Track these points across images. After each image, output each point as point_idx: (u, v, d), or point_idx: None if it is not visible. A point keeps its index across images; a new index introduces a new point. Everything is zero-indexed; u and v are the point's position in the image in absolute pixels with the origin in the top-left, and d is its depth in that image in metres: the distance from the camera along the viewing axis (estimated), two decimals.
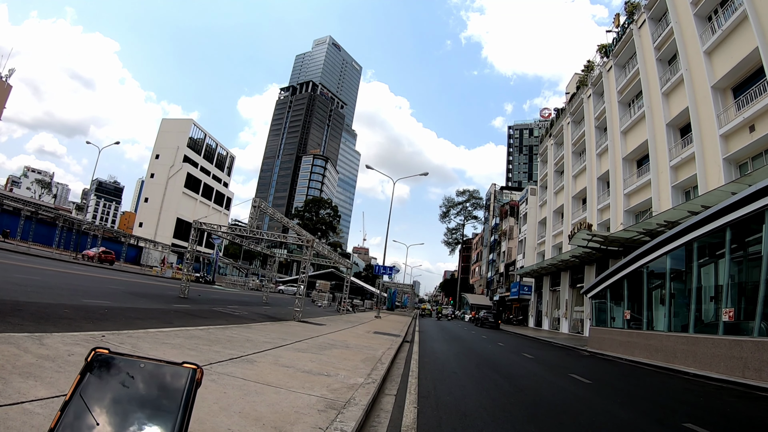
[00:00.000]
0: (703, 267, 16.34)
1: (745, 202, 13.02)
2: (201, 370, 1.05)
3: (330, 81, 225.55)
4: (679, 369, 14.20)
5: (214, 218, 73.62)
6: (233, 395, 4.30)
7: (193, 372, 1.04)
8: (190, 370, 1.04)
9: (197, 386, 1.03)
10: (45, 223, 49.45)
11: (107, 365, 1.03)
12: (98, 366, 1.03)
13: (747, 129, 20.66)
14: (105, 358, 1.04)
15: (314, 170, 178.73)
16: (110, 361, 1.04)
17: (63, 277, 19.63)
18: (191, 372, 1.04)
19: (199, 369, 1.05)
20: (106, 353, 1.04)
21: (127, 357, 1.05)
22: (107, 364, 1.03)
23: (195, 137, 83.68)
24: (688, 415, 7.47)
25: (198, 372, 1.04)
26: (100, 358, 1.04)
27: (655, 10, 29.73)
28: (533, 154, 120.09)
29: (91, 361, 1.03)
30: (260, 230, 23.54)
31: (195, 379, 1.03)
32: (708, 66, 23.49)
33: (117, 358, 1.04)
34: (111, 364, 1.03)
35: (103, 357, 1.04)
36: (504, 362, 13.40)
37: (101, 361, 1.03)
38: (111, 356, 1.04)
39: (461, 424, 5.32)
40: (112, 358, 1.04)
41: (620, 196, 32.54)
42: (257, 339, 9.07)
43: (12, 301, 8.90)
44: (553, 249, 46.59)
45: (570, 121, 45.73)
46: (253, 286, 60.62)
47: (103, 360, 1.04)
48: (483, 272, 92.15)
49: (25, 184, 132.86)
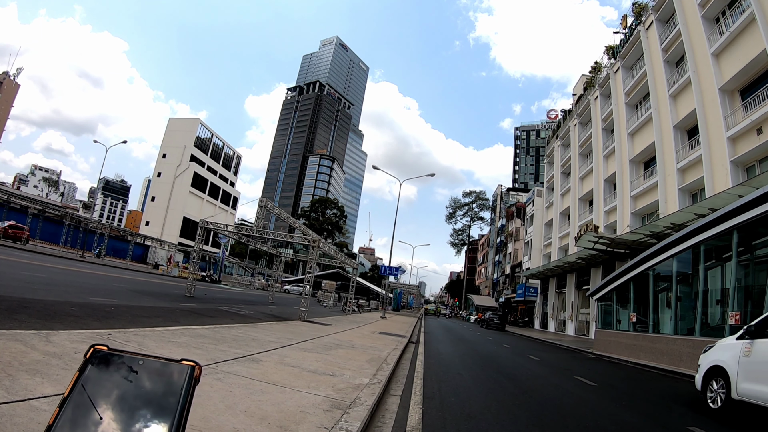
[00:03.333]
0: (710, 270, 16.26)
1: (753, 205, 12.95)
2: (199, 367, 1.05)
3: (337, 81, 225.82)
4: (684, 372, 14.11)
5: (221, 217, 73.78)
6: (239, 394, 4.32)
7: (191, 369, 1.04)
8: (188, 367, 1.04)
9: (196, 383, 1.03)
10: (52, 221, 49.70)
11: (106, 362, 1.03)
12: (97, 363, 1.03)
13: (755, 131, 20.53)
14: (103, 355, 1.04)
15: (321, 170, 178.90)
16: (109, 357, 1.04)
17: (69, 274, 19.74)
18: (189, 369, 1.04)
19: (197, 366, 1.05)
20: (105, 350, 1.04)
21: (125, 354, 1.05)
22: (106, 361, 1.03)
23: (202, 137, 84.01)
24: (693, 418, 7.44)
25: (196, 369, 1.04)
26: (99, 355, 1.04)
27: (662, 12, 29.59)
28: (540, 155, 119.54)
29: (89, 358, 1.03)
30: (266, 230, 23.61)
31: (193, 376, 1.03)
32: (715, 68, 23.35)
33: (115, 355, 1.04)
34: (109, 360, 1.03)
35: (102, 354, 1.04)
36: (509, 364, 13.38)
37: (100, 357, 1.03)
38: (110, 353, 1.04)
39: (466, 426, 5.32)
40: (111, 355, 1.04)
41: (627, 198, 32.40)
42: (263, 338, 9.09)
43: (19, 299, 8.96)
44: (560, 251, 46.44)
45: (577, 122, 45.58)
46: (259, 285, 60.73)
47: (102, 357, 1.04)
48: (489, 273, 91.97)
49: (32, 182, 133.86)
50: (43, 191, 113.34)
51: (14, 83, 58.82)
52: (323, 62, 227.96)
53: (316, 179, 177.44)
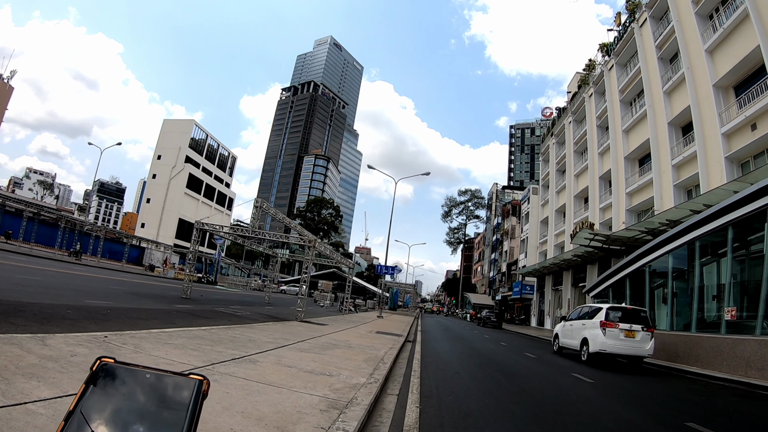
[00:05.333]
0: (705, 266, 16.34)
1: (747, 201, 13.01)
2: (207, 382, 1.04)
3: (331, 81, 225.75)
4: (681, 368, 14.18)
5: (216, 219, 73.67)
6: (236, 395, 4.31)
7: (199, 383, 1.02)
8: (196, 381, 1.02)
9: (204, 398, 1.02)
10: (47, 224, 49.46)
11: (112, 375, 1.02)
12: (103, 376, 1.01)
13: (749, 127, 20.62)
14: (110, 368, 1.02)
15: (316, 170, 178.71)
16: (115, 371, 1.02)
17: (65, 277, 19.67)
18: (197, 383, 1.02)
19: (205, 380, 1.03)
20: (112, 362, 1.03)
21: (132, 367, 1.03)
22: (112, 374, 1.02)
23: (197, 138, 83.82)
24: (691, 414, 7.47)
25: (204, 383, 1.03)
26: (106, 368, 1.02)
27: (656, 9, 29.66)
28: (535, 153, 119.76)
29: (96, 371, 1.01)
30: (262, 230, 23.55)
31: (201, 390, 1.02)
32: (709, 64, 23.43)
33: (122, 368, 1.03)
34: (116, 374, 1.02)
35: (109, 366, 1.02)
36: (506, 362, 13.39)
37: (106, 370, 1.02)
38: (116, 366, 1.03)
39: (463, 424, 5.32)
40: (118, 368, 1.02)
41: (622, 195, 32.49)
42: (260, 339, 9.08)
43: (15, 302, 8.92)
44: (556, 248, 46.54)
45: (572, 120, 45.66)
46: (256, 286, 60.64)
47: (108, 370, 1.02)
48: (485, 272, 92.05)
49: (27, 185, 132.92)
50: (38, 194, 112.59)
51: (8, 86, 58.40)
52: (318, 62, 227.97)
53: (312, 179, 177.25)
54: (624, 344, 13.61)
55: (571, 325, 16.48)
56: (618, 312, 14.18)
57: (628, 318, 13.94)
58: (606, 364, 14.09)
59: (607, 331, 13.69)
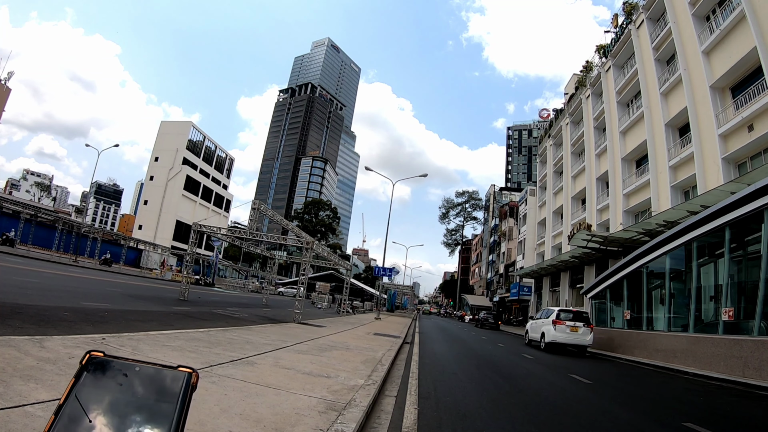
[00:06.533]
0: (703, 267, 16.36)
1: (744, 202, 13.05)
2: (197, 374, 1.04)
3: (329, 83, 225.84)
4: (679, 369, 14.21)
5: (214, 220, 73.52)
6: (234, 397, 4.31)
7: (188, 376, 1.02)
8: (185, 373, 1.03)
9: (193, 390, 1.02)
10: (44, 226, 49.37)
11: (102, 368, 1.02)
12: (93, 369, 1.01)
13: (746, 128, 20.67)
14: (100, 361, 1.02)
15: (313, 172, 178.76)
16: (105, 364, 1.02)
17: (62, 279, 19.62)
18: (186, 376, 1.02)
19: (194, 373, 1.04)
20: (101, 356, 1.03)
21: (122, 360, 1.03)
22: (102, 368, 1.02)
23: (194, 139, 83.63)
24: (688, 414, 7.48)
25: (193, 376, 1.03)
26: (95, 361, 1.02)
27: (653, 11, 29.75)
28: (532, 154, 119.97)
29: (85, 364, 1.01)
30: (260, 232, 23.56)
31: (190, 383, 1.02)
32: (706, 66, 23.49)
33: (112, 361, 1.03)
34: (106, 367, 1.02)
35: (98, 360, 1.02)
36: (504, 363, 13.40)
37: (96, 364, 1.02)
38: (106, 359, 1.03)
39: (462, 425, 5.32)
40: (107, 361, 1.02)
41: (619, 196, 32.54)
42: (257, 341, 9.07)
43: (12, 304, 8.89)
44: (553, 249, 46.58)
45: (569, 121, 45.73)
46: (253, 288, 60.54)
47: (98, 363, 1.02)
48: (483, 273, 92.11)
49: (24, 186, 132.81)
50: (35, 196, 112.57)
51: (5, 87, 58.25)
52: (315, 64, 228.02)
53: (309, 181, 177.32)
54: (570, 336, 18.66)
55: (535, 323, 22.18)
56: (566, 313, 19.41)
57: (574, 318, 19.11)
58: (559, 351, 18.99)
59: (557, 327, 18.82)
